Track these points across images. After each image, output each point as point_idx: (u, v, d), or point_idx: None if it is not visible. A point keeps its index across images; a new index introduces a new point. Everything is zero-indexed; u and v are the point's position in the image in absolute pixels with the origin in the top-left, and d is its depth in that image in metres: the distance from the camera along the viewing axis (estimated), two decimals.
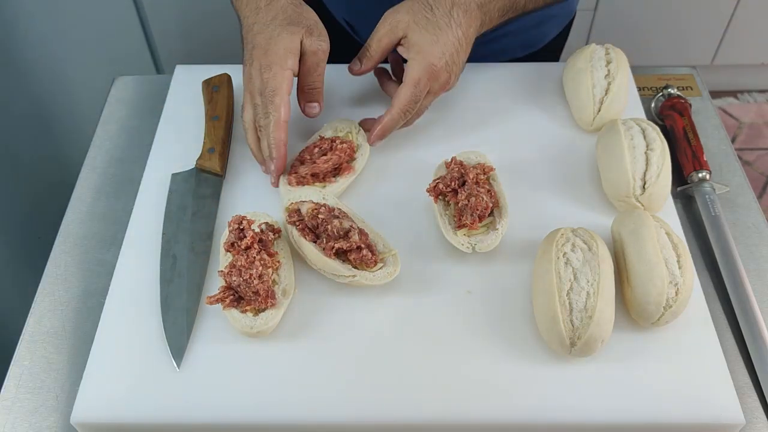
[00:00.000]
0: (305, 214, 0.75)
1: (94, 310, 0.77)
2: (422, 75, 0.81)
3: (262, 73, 0.79)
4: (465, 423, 0.66)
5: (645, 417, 0.66)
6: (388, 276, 0.73)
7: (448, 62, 0.83)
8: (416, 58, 0.82)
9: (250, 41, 0.82)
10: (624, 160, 0.79)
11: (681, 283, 0.69)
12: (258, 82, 0.79)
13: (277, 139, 0.79)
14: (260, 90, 0.79)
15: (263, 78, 0.79)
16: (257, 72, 0.79)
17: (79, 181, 0.91)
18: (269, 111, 0.78)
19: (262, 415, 0.66)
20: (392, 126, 0.84)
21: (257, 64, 0.79)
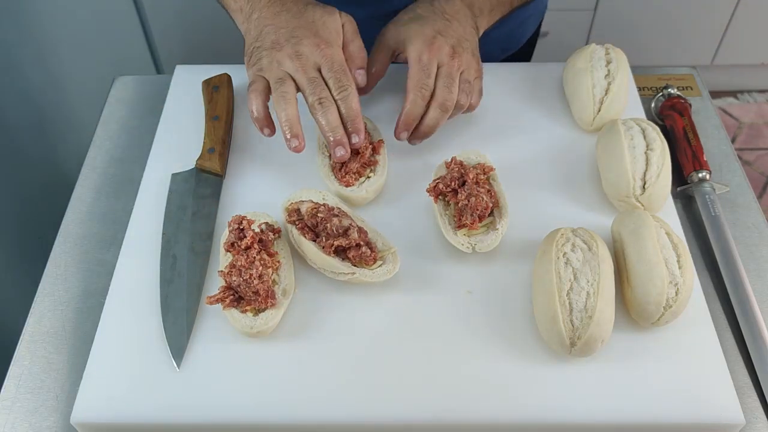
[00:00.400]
0: (305, 213, 0.75)
1: (94, 310, 0.77)
2: (421, 50, 0.82)
3: (321, 50, 0.79)
4: (465, 423, 0.66)
5: (645, 417, 0.66)
6: (387, 273, 0.73)
7: (441, 32, 0.84)
8: (409, 41, 0.84)
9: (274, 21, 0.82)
10: (624, 160, 0.79)
11: (681, 283, 0.69)
12: (316, 56, 0.79)
13: (357, 110, 0.79)
14: (319, 65, 0.79)
15: (324, 53, 0.79)
16: (311, 48, 0.79)
17: (79, 181, 0.91)
18: (345, 84, 0.79)
19: (262, 415, 0.66)
20: (415, 112, 0.82)
21: (309, 42, 0.80)
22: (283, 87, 0.78)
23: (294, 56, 0.79)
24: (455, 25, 0.86)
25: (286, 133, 0.77)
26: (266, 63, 0.80)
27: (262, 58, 0.81)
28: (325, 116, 0.78)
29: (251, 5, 0.85)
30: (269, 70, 0.80)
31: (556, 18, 2.17)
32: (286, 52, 0.80)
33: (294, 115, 0.77)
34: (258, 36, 0.83)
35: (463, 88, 0.84)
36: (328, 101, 0.78)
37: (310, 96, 0.79)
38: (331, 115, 0.78)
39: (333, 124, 0.78)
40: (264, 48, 0.81)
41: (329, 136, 0.78)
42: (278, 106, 0.78)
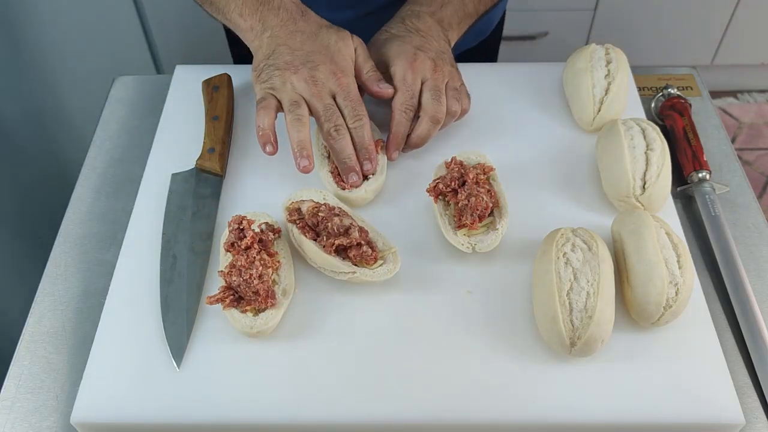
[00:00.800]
0: (305, 213, 0.75)
1: (94, 310, 0.77)
2: (405, 69, 0.84)
3: (337, 78, 0.82)
4: (465, 423, 0.66)
5: (645, 417, 0.66)
6: (388, 273, 0.73)
7: (420, 48, 0.86)
8: (392, 60, 0.86)
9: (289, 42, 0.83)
10: (624, 160, 0.79)
11: (681, 283, 0.69)
12: (332, 84, 0.82)
13: (370, 139, 0.82)
14: (334, 92, 0.82)
15: (340, 82, 0.82)
16: (327, 75, 0.81)
17: (79, 181, 0.91)
18: (359, 113, 0.82)
19: (262, 415, 0.66)
20: (402, 131, 0.84)
21: (326, 69, 0.81)
22: (298, 110, 0.80)
23: (310, 81, 0.81)
24: (430, 39, 0.89)
25: (298, 154, 0.79)
26: (279, 83, 0.81)
27: (274, 77, 0.82)
28: (340, 144, 0.81)
29: (263, 24, 0.85)
30: (282, 91, 0.81)
31: (556, 18, 2.17)
32: (302, 76, 0.81)
33: (307, 138, 0.80)
34: (270, 54, 0.83)
35: (452, 95, 0.86)
36: (343, 129, 0.81)
37: (325, 123, 0.81)
38: (346, 143, 0.81)
39: (348, 151, 0.81)
40: (277, 67, 0.82)
41: (344, 162, 0.81)
42: (292, 128, 0.80)
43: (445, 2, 0.92)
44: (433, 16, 0.91)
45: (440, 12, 0.92)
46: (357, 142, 0.82)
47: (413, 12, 0.91)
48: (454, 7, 0.93)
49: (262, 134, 0.80)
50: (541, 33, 2.20)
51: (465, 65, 0.98)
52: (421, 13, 0.91)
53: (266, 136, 0.80)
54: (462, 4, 0.93)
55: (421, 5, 0.92)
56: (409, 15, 0.91)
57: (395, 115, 0.84)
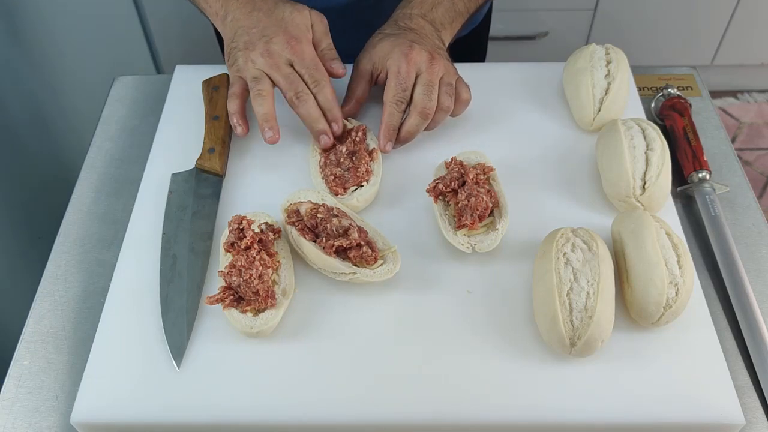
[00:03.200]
0: (304, 214, 0.75)
1: (94, 310, 0.77)
2: (399, 61, 0.85)
3: (291, 46, 0.83)
4: (465, 423, 0.66)
5: (645, 417, 0.66)
6: (388, 273, 0.73)
7: (415, 42, 0.86)
8: (388, 56, 0.86)
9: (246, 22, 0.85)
10: (624, 160, 0.79)
11: (681, 283, 0.69)
12: (287, 53, 0.83)
13: (333, 99, 0.84)
14: (291, 61, 0.83)
15: (294, 50, 0.83)
16: (282, 46, 0.83)
17: (79, 181, 0.91)
18: (318, 77, 0.83)
19: (262, 415, 0.66)
20: (393, 123, 0.84)
21: (280, 39, 0.83)
22: (259, 85, 0.83)
23: (266, 54, 0.83)
24: (424, 36, 0.89)
25: (263, 126, 0.82)
26: (242, 63, 0.84)
27: (238, 58, 0.85)
28: (304, 108, 0.83)
29: (225, 9, 0.88)
30: (245, 70, 0.84)
31: (556, 18, 2.17)
32: (259, 51, 0.83)
33: (270, 111, 0.82)
34: (233, 37, 0.86)
35: (446, 90, 0.86)
36: (305, 94, 0.83)
37: (287, 91, 0.83)
38: (311, 107, 0.83)
39: (314, 115, 0.83)
40: (239, 49, 0.85)
41: (312, 127, 0.83)
42: (255, 103, 0.82)
43: (436, 3, 0.93)
44: (425, 18, 0.92)
45: (431, 13, 0.93)
46: (321, 105, 0.83)
47: (405, 14, 0.92)
48: (444, 8, 0.94)
49: (232, 118, 0.84)
50: (541, 33, 2.20)
51: (465, 65, 0.98)
52: (413, 15, 0.92)
53: (235, 118, 0.84)
54: (452, 4, 0.94)
55: (413, 8, 0.93)
56: (401, 17, 0.92)
57: (386, 108, 0.84)
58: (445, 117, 0.87)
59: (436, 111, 0.85)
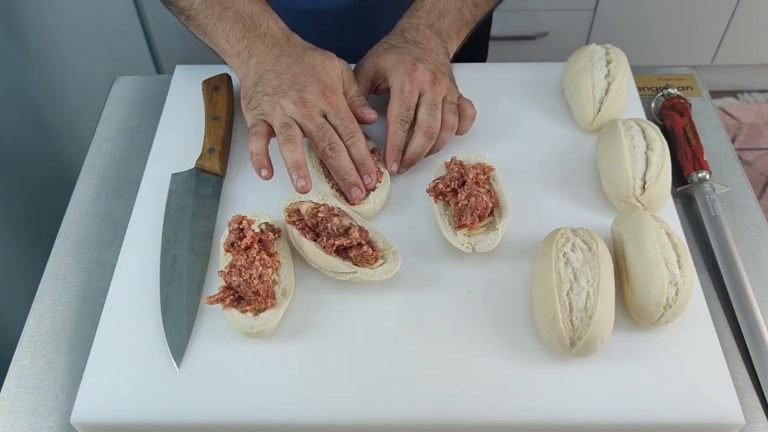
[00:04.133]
0: (305, 214, 0.75)
1: (94, 310, 0.77)
2: (403, 80, 0.84)
3: (326, 97, 0.81)
4: (465, 423, 0.66)
5: (645, 417, 0.66)
6: (389, 272, 0.73)
7: (420, 59, 0.86)
8: (390, 71, 0.86)
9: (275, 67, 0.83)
10: (624, 160, 0.79)
11: (681, 283, 0.69)
12: (322, 104, 0.81)
13: (366, 153, 0.82)
14: (325, 112, 0.82)
15: (330, 101, 0.82)
16: (317, 96, 0.81)
17: (79, 181, 0.91)
18: (352, 130, 0.81)
19: (262, 415, 0.66)
20: (398, 143, 0.83)
21: (314, 89, 0.81)
22: (290, 131, 0.80)
23: (299, 103, 0.81)
24: (429, 52, 0.89)
25: (293, 175, 0.78)
26: (269, 108, 0.81)
27: (264, 103, 0.82)
28: (338, 161, 0.80)
29: (249, 50, 0.85)
30: (272, 115, 0.81)
31: (556, 18, 2.17)
32: (291, 99, 0.81)
33: (301, 158, 0.79)
34: (258, 81, 0.83)
35: (450, 108, 0.85)
36: (339, 146, 0.80)
37: (320, 142, 0.80)
38: (344, 159, 0.80)
39: (347, 168, 0.81)
40: (265, 93, 0.82)
41: (345, 179, 0.81)
42: (285, 149, 0.79)
43: (443, 12, 0.92)
44: (432, 28, 0.91)
45: (438, 23, 0.92)
46: (354, 158, 0.81)
47: (412, 24, 0.91)
48: (452, 17, 0.93)
49: (256, 159, 0.80)
50: (541, 33, 2.20)
51: (465, 65, 0.99)
52: (419, 25, 0.91)
53: (260, 161, 0.80)
54: (459, 13, 0.94)
55: (419, 18, 0.92)
56: (407, 28, 0.91)
57: (390, 127, 0.84)
58: (450, 135, 0.86)
59: (441, 129, 0.84)
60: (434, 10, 0.92)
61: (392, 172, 0.84)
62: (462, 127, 0.87)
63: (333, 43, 0.89)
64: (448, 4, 0.93)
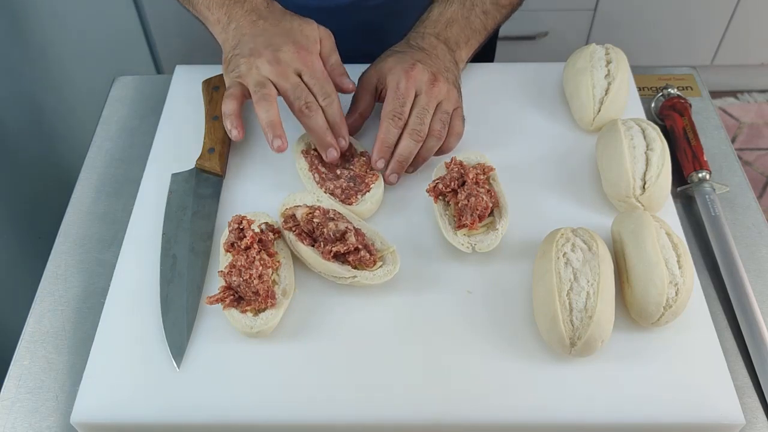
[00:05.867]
0: (300, 219, 0.75)
1: (94, 310, 0.77)
2: (399, 77, 0.83)
3: (301, 56, 0.81)
4: (465, 423, 0.66)
5: (645, 417, 0.66)
6: (388, 274, 0.73)
7: (420, 61, 0.85)
8: (389, 71, 0.85)
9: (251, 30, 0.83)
10: (624, 160, 0.79)
11: (681, 283, 0.69)
12: (297, 63, 0.81)
13: (341, 115, 0.82)
14: (299, 71, 0.81)
15: (304, 60, 0.81)
16: (291, 55, 0.81)
17: (79, 181, 0.91)
18: (328, 91, 0.81)
19: (262, 415, 0.66)
20: (389, 140, 0.81)
21: (289, 48, 0.81)
22: (264, 89, 0.79)
23: (274, 62, 0.80)
24: (434, 57, 0.88)
25: (269, 134, 0.78)
26: (245, 69, 0.81)
27: (240, 65, 0.82)
28: (314, 120, 0.80)
29: (228, 16, 0.86)
30: (248, 76, 0.81)
31: (556, 18, 2.17)
32: (266, 58, 0.81)
33: (276, 116, 0.78)
34: (236, 45, 0.84)
35: (440, 117, 0.83)
36: (314, 105, 0.80)
37: (295, 101, 0.80)
38: (320, 119, 0.80)
39: (323, 127, 0.80)
40: (242, 55, 0.82)
41: (321, 139, 0.81)
42: (260, 108, 0.78)
43: (450, 22, 0.91)
44: (439, 37, 0.90)
45: (446, 32, 0.91)
46: (330, 120, 0.81)
47: (418, 34, 0.91)
48: (459, 26, 0.92)
49: (227, 120, 0.80)
50: (541, 33, 2.20)
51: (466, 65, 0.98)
52: (425, 34, 0.90)
53: (231, 121, 0.80)
54: (468, 22, 0.92)
55: (426, 27, 0.91)
56: (413, 36, 0.91)
57: (383, 123, 0.82)
58: (437, 145, 0.83)
59: (428, 137, 0.82)
60: (441, 19, 0.92)
61: (378, 168, 0.82)
62: (446, 143, 0.85)
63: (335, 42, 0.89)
64: (455, 14, 0.92)
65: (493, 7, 0.95)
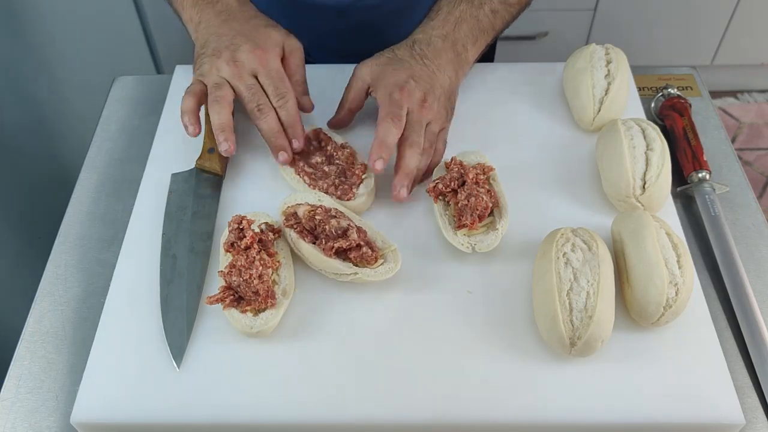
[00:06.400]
0: (302, 217, 0.75)
1: (94, 310, 0.77)
2: (392, 90, 0.81)
3: (257, 56, 0.81)
4: (465, 423, 0.66)
5: (645, 417, 0.66)
6: (389, 271, 0.73)
7: (414, 77, 0.83)
8: (381, 82, 0.83)
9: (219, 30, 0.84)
10: (624, 160, 0.79)
11: (681, 283, 0.69)
12: (253, 63, 0.81)
13: (296, 115, 0.82)
14: (256, 72, 0.81)
15: (260, 59, 0.81)
16: (248, 54, 0.81)
17: (79, 181, 0.91)
18: (282, 91, 0.81)
19: (262, 415, 0.66)
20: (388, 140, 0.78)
21: (247, 47, 0.81)
22: (218, 91, 0.80)
23: (231, 62, 0.81)
24: (433, 70, 0.85)
25: (219, 136, 0.80)
26: (206, 69, 0.82)
27: (204, 64, 0.83)
28: (265, 122, 0.81)
29: (200, 15, 0.87)
30: (209, 76, 0.82)
31: (556, 18, 2.17)
32: (225, 59, 0.82)
33: (227, 120, 0.80)
34: (204, 44, 0.85)
35: (428, 137, 0.82)
36: (266, 107, 0.81)
37: (249, 102, 0.81)
38: (272, 120, 0.81)
39: (274, 129, 0.81)
40: (206, 55, 0.83)
41: (271, 141, 0.81)
42: (212, 110, 0.80)
43: (459, 21, 0.89)
44: (446, 39, 0.88)
45: (454, 33, 0.88)
46: (284, 120, 0.81)
47: (425, 37, 0.87)
48: (468, 25, 0.90)
49: (183, 116, 0.81)
50: (541, 33, 2.20)
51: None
52: (433, 37, 0.87)
53: (186, 118, 0.81)
54: (477, 21, 0.90)
55: (434, 28, 0.88)
56: (419, 40, 0.87)
57: (381, 124, 0.79)
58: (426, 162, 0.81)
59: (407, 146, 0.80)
60: (450, 18, 0.89)
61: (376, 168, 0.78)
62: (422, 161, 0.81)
63: (331, 42, 0.88)
64: (464, 12, 0.90)
65: (502, 6, 0.93)
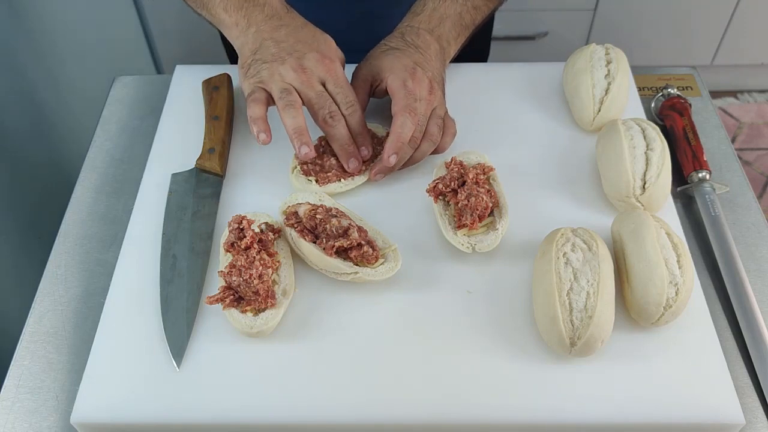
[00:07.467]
0: (303, 216, 0.75)
1: (94, 310, 0.77)
2: (404, 77, 0.82)
3: (325, 65, 0.81)
4: (465, 423, 0.66)
5: (645, 417, 0.66)
6: (390, 271, 0.73)
7: (419, 64, 0.85)
8: (389, 71, 0.84)
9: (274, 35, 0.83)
10: (624, 160, 0.79)
11: (681, 283, 0.69)
12: (321, 71, 0.81)
13: (364, 124, 0.83)
14: (323, 80, 0.81)
15: (329, 69, 0.81)
16: (315, 63, 0.81)
17: (79, 181, 0.91)
18: (351, 100, 0.82)
19: (262, 415, 0.66)
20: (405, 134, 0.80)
21: (313, 56, 0.81)
22: (290, 97, 0.79)
23: (299, 69, 0.80)
24: (428, 59, 0.87)
25: (295, 141, 0.78)
26: (267, 75, 0.81)
27: (262, 70, 0.81)
28: (337, 130, 0.80)
29: (247, 20, 0.85)
30: (271, 82, 0.81)
31: (556, 18, 2.17)
32: (290, 65, 0.80)
33: (303, 124, 0.78)
34: (257, 49, 0.83)
35: (435, 122, 0.84)
36: (338, 115, 0.80)
37: (319, 110, 0.80)
38: (343, 129, 0.81)
39: (346, 138, 0.81)
40: (264, 61, 0.82)
41: (343, 149, 0.81)
42: (286, 114, 0.78)
43: (443, 18, 0.91)
44: (432, 33, 0.90)
45: (439, 28, 0.90)
46: (353, 128, 0.82)
47: (412, 28, 0.90)
48: (452, 21, 0.92)
49: (255, 123, 0.79)
50: (541, 33, 2.20)
51: (465, 65, 0.99)
52: (420, 30, 0.90)
53: (260, 125, 0.79)
54: (459, 17, 0.92)
55: (420, 22, 0.90)
56: (408, 31, 0.90)
57: (398, 119, 0.80)
58: (431, 148, 0.84)
59: (424, 140, 0.83)
60: (435, 15, 0.91)
61: (391, 163, 0.80)
62: (443, 143, 0.85)
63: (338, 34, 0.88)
64: (448, 9, 0.92)
65: (482, 2, 0.95)
